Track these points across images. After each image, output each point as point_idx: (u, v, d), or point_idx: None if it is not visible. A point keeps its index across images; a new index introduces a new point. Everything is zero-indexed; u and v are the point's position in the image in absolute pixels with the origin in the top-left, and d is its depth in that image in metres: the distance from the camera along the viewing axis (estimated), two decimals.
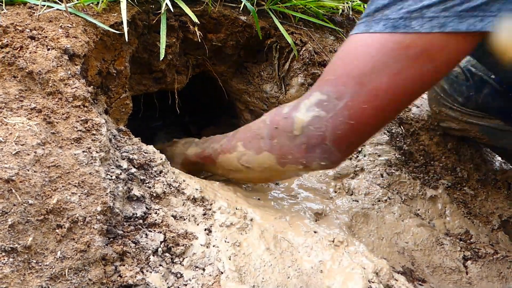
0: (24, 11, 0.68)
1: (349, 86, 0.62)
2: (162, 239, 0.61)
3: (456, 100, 1.00)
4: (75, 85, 0.63)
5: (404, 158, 1.02)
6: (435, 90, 1.05)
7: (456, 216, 0.93)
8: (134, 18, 0.87)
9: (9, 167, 0.48)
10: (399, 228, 0.84)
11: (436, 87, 1.05)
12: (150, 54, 0.98)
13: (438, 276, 0.78)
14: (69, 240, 0.51)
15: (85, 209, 0.53)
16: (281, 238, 0.69)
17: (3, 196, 0.46)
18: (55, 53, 0.63)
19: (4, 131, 0.52)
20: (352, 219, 0.82)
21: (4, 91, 0.56)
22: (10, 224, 0.46)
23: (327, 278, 0.65)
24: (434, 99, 1.06)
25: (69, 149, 0.56)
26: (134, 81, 1.03)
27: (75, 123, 0.60)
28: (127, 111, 0.91)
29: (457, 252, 0.83)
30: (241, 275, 0.61)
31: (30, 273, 0.46)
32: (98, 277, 0.51)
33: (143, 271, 0.56)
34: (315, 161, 0.66)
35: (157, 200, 0.67)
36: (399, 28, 0.59)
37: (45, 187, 0.51)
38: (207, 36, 1.06)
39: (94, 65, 0.76)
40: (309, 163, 0.67)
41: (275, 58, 1.16)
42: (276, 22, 1.08)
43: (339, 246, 0.71)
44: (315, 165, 0.67)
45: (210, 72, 1.19)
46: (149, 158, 0.71)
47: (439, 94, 1.03)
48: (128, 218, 0.61)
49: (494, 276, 0.81)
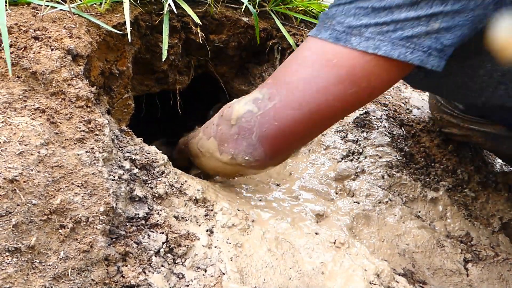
0: (28, 11, 0.68)
1: (281, 90, 0.65)
2: (164, 240, 0.61)
3: (456, 107, 1.00)
4: (78, 85, 0.63)
5: (405, 159, 1.02)
6: (435, 97, 1.05)
7: (457, 218, 0.94)
8: (137, 19, 0.87)
9: (13, 167, 0.49)
10: (400, 230, 0.84)
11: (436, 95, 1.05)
12: (153, 54, 0.99)
13: (438, 278, 0.79)
14: (72, 240, 0.51)
15: (88, 209, 0.53)
16: (282, 239, 0.69)
17: (7, 196, 0.47)
18: (59, 54, 0.63)
19: (8, 131, 0.52)
20: (353, 221, 0.82)
21: (8, 91, 0.56)
22: (14, 224, 0.46)
23: (328, 279, 0.65)
24: (435, 106, 1.06)
25: (72, 149, 0.57)
26: (136, 81, 1.03)
27: (78, 123, 0.60)
28: (129, 112, 0.91)
29: (457, 254, 0.83)
30: (243, 276, 0.61)
31: (33, 273, 0.46)
32: (100, 277, 0.51)
33: (145, 271, 0.56)
34: (240, 153, 0.69)
35: (159, 200, 0.67)
36: (341, 40, 0.60)
37: (48, 187, 0.51)
38: (209, 37, 1.07)
39: (97, 65, 0.76)
40: (236, 154, 0.69)
41: (276, 59, 1.16)
42: (278, 24, 1.08)
43: (340, 248, 0.72)
44: (240, 159, 0.69)
45: (212, 73, 1.20)
46: (151, 159, 0.71)
47: (440, 101, 1.03)
48: (131, 218, 0.61)
49: (494, 279, 0.81)
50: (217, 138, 0.72)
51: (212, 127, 0.74)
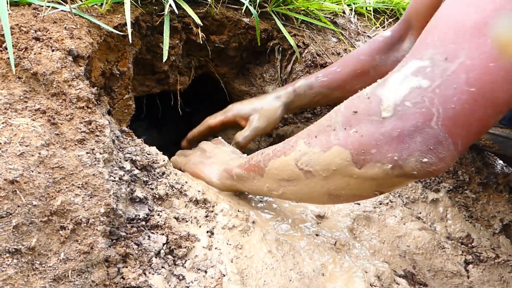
0: (28, 12, 0.68)
1: (463, 41, 0.44)
2: (165, 241, 0.61)
3: None
4: (79, 86, 0.63)
5: None
6: None
7: (458, 220, 0.93)
8: (137, 20, 0.87)
9: (13, 168, 0.48)
10: (401, 231, 0.84)
11: None
12: (153, 55, 0.99)
13: (439, 280, 0.78)
14: (73, 242, 0.51)
15: (89, 210, 0.53)
16: (283, 240, 0.69)
17: (8, 197, 0.46)
18: (60, 54, 0.63)
19: (9, 132, 0.52)
20: (353, 222, 0.82)
21: (9, 92, 0.56)
22: (14, 225, 0.46)
23: (329, 281, 0.65)
24: None
25: (73, 150, 0.57)
26: (137, 82, 1.03)
27: (79, 124, 0.60)
28: (130, 112, 0.91)
29: (458, 256, 0.83)
30: (243, 278, 0.61)
31: (33, 274, 0.46)
32: (101, 278, 0.51)
33: (145, 273, 0.56)
34: (413, 156, 0.45)
35: (160, 201, 0.67)
36: None
37: (49, 188, 0.51)
38: (209, 37, 1.07)
39: (98, 66, 0.76)
40: (404, 159, 0.45)
41: (277, 60, 1.16)
42: (278, 24, 1.08)
43: (341, 249, 0.72)
44: (411, 165, 0.45)
45: (212, 73, 1.19)
46: (152, 160, 0.71)
47: None
48: (131, 219, 0.61)
49: (495, 280, 0.81)
50: (351, 145, 0.49)
51: (332, 134, 0.52)
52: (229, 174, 0.73)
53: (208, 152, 0.86)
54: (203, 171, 0.79)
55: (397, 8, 1.62)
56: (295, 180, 0.57)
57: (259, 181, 0.64)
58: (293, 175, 0.56)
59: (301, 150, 0.55)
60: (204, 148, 0.88)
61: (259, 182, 0.65)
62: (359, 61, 0.98)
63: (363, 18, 1.56)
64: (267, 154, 0.62)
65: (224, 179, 0.75)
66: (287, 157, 0.57)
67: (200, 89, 1.39)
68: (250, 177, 0.66)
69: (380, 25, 1.55)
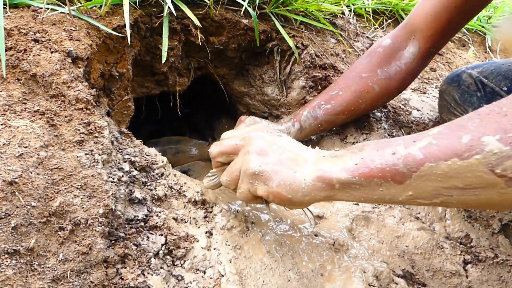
0: (28, 14, 0.69)
1: None
2: (164, 242, 0.61)
3: (466, 110, 0.99)
4: (78, 88, 0.63)
5: None
6: (445, 98, 1.05)
7: (457, 220, 0.93)
8: (136, 21, 0.88)
9: (12, 169, 0.49)
10: (400, 231, 0.84)
11: (446, 96, 1.05)
12: (153, 56, 0.99)
13: (438, 280, 0.79)
14: (71, 243, 0.51)
15: (87, 211, 0.53)
16: (281, 241, 0.69)
17: (6, 198, 0.47)
18: (59, 56, 0.63)
19: (8, 133, 0.52)
20: (352, 222, 0.82)
21: (8, 93, 0.56)
22: (13, 226, 0.46)
23: (328, 281, 0.65)
24: (445, 107, 1.05)
25: (72, 152, 0.57)
26: (136, 83, 1.03)
27: (77, 125, 0.60)
28: (129, 113, 0.91)
29: (457, 255, 0.83)
30: (242, 278, 0.61)
31: (32, 275, 0.47)
32: (99, 279, 0.52)
33: (144, 273, 0.56)
34: None
35: (159, 202, 0.67)
36: None
37: (48, 190, 0.51)
38: (209, 39, 1.07)
39: (97, 67, 0.77)
40: None
41: (276, 61, 1.16)
42: (277, 26, 1.09)
43: (340, 249, 0.72)
44: None
45: (211, 74, 1.20)
46: (151, 161, 0.71)
47: (450, 103, 1.03)
48: (130, 220, 0.61)
49: (494, 280, 0.81)
50: None
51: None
52: (326, 183, 0.54)
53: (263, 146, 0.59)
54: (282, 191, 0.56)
55: (396, 9, 1.63)
56: (482, 189, 0.45)
57: (393, 188, 0.50)
58: (482, 182, 0.44)
59: (492, 151, 0.42)
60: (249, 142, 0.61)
61: (390, 190, 0.51)
62: (361, 79, 0.96)
63: (362, 19, 1.56)
64: (413, 157, 0.47)
65: (317, 191, 0.55)
66: (470, 161, 0.43)
67: (200, 90, 1.39)
68: (372, 184, 0.52)
69: (379, 26, 1.56)
